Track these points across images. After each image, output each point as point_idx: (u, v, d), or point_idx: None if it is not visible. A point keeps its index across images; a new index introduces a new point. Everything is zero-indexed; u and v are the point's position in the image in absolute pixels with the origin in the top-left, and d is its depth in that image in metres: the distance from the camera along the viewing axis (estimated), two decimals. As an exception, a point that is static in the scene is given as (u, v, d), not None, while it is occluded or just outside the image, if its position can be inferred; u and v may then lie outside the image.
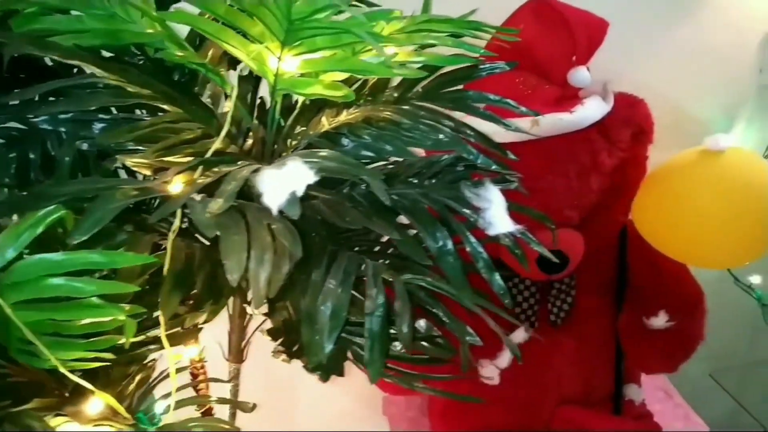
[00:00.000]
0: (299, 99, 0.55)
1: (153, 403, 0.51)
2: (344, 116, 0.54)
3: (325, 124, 0.54)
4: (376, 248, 0.57)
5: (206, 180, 0.39)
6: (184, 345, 0.61)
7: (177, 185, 0.40)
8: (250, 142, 0.55)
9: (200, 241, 0.46)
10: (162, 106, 0.45)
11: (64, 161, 0.45)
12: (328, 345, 0.39)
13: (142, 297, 0.50)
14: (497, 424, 0.92)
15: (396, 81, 0.57)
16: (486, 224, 0.53)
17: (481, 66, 0.56)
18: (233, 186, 0.35)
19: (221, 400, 0.61)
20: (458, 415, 0.96)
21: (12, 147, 0.48)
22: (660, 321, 0.85)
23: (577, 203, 0.83)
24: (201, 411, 0.81)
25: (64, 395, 0.50)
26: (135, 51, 0.51)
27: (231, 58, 0.56)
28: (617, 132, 0.83)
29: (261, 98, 0.60)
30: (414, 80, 0.55)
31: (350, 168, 0.39)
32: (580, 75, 0.83)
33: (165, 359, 0.71)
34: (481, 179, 0.55)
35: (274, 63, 0.48)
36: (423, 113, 0.51)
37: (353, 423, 1.23)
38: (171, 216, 0.39)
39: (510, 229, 0.52)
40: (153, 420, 0.47)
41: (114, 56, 0.47)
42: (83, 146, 0.46)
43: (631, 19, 1.02)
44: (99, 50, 0.50)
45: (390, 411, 1.16)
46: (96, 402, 0.45)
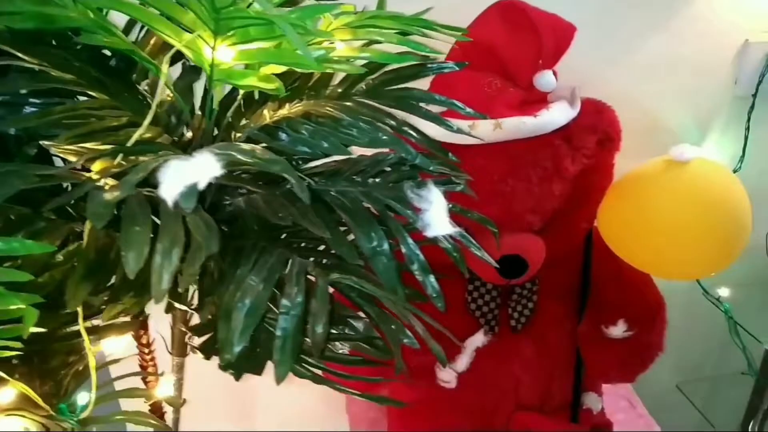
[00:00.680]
0: (240, 91, 0.54)
1: (76, 395, 0.50)
2: (286, 110, 0.53)
3: (267, 118, 0.53)
4: (321, 247, 0.56)
5: (120, 168, 0.38)
6: (120, 336, 0.59)
7: (97, 173, 0.39)
8: (191, 134, 0.54)
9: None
10: (90, 93, 0.44)
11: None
12: (239, 343, 0.38)
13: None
14: (453, 427, 0.92)
15: (342, 76, 0.56)
16: (424, 225, 0.52)
17: (429, 65, 0.55)
18: (137, 176, 0.34)
19: (143, 393, 0.60)
20: (415, 418, 0.95)
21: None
22: (618, 330, 0.85)
23: (539, 208, 0.82)
24: (149, 404, 0.81)
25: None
26: (72, 36, 0.50)
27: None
28: (582, 138, 0.83)
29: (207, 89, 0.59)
30: (359, 77, 0.54)
31: (264, 162, 0.38)
32: (546, 79, 0.82)
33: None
34: (424, 180, 0.54)
35: (209, 53, 0.47)
36: (364, 110, 0.50)
37: (315, 421, 1.23)
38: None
39: (448, 232, 0.51)
40: (74, 411, 0.46)
41: (40, 39, 0.45)
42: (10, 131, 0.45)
43: (606, 26, 1.01)
44: (36, 34, 0.49)
45: (352, 410, 1.15)
46: (8, 391, 0.44)
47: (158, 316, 0.66)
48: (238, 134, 0.54)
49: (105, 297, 0.43)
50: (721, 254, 0.82)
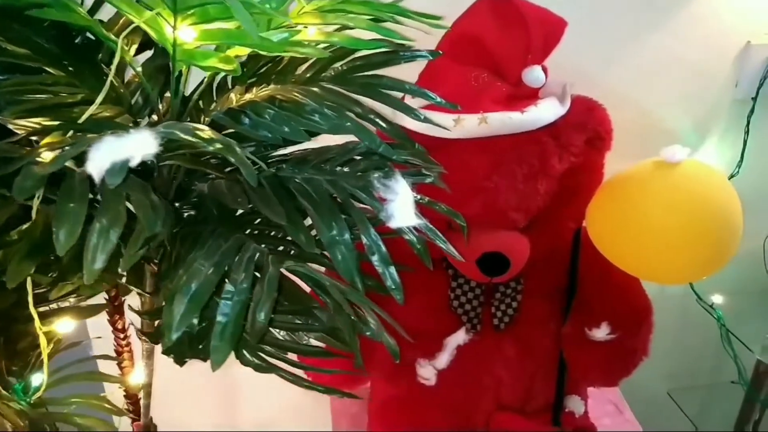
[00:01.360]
0: (207, 73, 0.53)
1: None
2: (252, 94, 0.52)
3: (233, 101, 0.52)
4: (283, 235, 0.55)
5: (63, 144, 0.38)
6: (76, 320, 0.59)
7: (41, 148, 0.38)
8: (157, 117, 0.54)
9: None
10: (48, 69, 0.44)
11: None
12: (179, 328, 0.37)
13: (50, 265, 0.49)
14: (432, 425, 0.91)
15: (312, 62, 0.55)
16: (388, 216, 0.51)
17: (401, 52, 0.54)
18: (72, 151, 0.33)
19: (102, 377, 0.59)
20: (393, 415, 0.94)
21: None
22: (601, 333, 0.83)
23: (523, 206, 0.81)
24: (124, 389, 0.80)
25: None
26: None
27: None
28: (570, 136, 0.81)
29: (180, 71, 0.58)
30: (328, 62, 0.53)
31: (205, 143, 0.37)
32: (535, 74, 0.80)
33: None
34: (392, 170, 0.53)
35: (170, 32, 0.46)
36: (330, 96, 0.49)
37: (297, 416, 1.22)
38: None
39: (412, 223, 0.50)
40: (28, 393, 0.46)
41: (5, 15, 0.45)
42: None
43: (605, 25, 0.99)
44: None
45: (335, 406, 1.14)
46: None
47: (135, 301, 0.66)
48: (207, 118, 0.54)
49: (54, 276, 0.43)
50: (710, 259, 0.80)
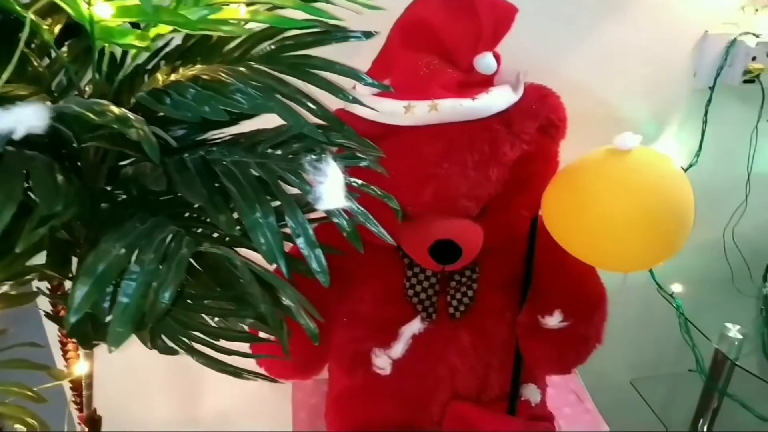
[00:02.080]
0: (130, 52, 0.52)
1: None
2: (179, 74, 0.51)
3: (159, 82, 0.51)
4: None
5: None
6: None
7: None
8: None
9: None
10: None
11: None
12: (80, 309, 0.36)
13: None
14: (387, 415, 0.90)
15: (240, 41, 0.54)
16: (317, 198, 0.50)
17: (333, 32, 0.53)
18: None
19: (30, 366, 0.58)
20: (348, 405, 0.93)
21: None
22: (554, 320, 0.83)
23: (474, 193, 0.80)
24: (70, 380, 0.79)
25: None
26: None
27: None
28: (522, 123, 0.81)
29: (112, 53, 0.57)
30: (256, 41, 0.52)
31: (96, 115, 0.36)
32: (486, 61, 0.80)
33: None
34: (324, 153, 0.52)
35: (86, 8, 0.45)
36: (255, 76, 0.48)
37: (258, 405, 1.21)
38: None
39: (341, 205, 0.50)
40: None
41: None
42: None
43: (562, 14, 0.99)
44: None
45: (296, 397, 1.14)
46: None
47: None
48: (133, 99, 0.53)
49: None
50: (661, 246, 0.80)
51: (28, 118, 0.33)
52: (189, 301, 0.53)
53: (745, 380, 1.06)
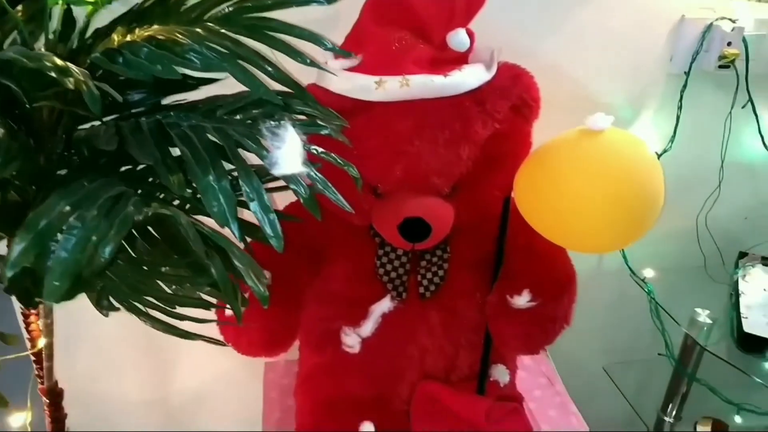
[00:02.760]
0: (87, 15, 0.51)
1: None
2: (135, 34, 0.50)
3: (114, 42, 0.50)
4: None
5: None
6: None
7: None
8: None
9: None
10: None
11: None
12: (16, 263, 0.35)
13: None
14: (356, 393, 0.90)
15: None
16: (272, 163, 0.49)
17: (293, -4, 0.52)
18: None
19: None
20: (317, 383, 0.93)
21: None
22: (522, 300, 0.83)
23: (445, 171, 0.80)
24: (33, 352, 0.78)
25: None
26: None
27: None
28: (494, 102, 0.80)
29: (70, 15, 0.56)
30: (215, 2, 0.51)
31: (32, 62, 0.35)
32: (459, 38, 0.79)
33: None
34: (283, 119, 0.52)
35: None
36: (212, 37, 0.47)
37: (231, 386, 1.21)
38: None
39: (297, 171, 0.49)
40: None
41: None
42: None
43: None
44: None
45: (268, 377, 1.13)
46: None
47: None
48: (88, 60, 0.51)
49: None
50: (629, 226, 0.80)
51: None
52: (144, 268, 0.52)
53: (715, 366, 1.07)
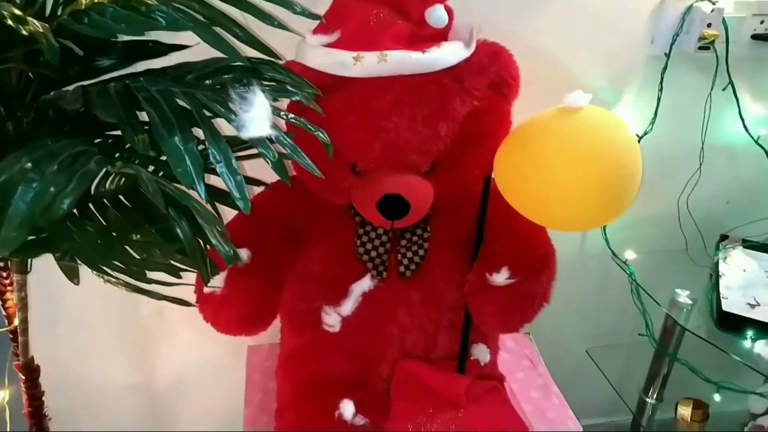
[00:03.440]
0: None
1: None
2: (102, -3, 0.50)
3: (82, 4, 0.50)
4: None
5: None
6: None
7: None
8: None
9: None
10: None
11: None
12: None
13: None
14: (336, 372, 0.90)
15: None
16: (240, 125, 0.49)
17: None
18: None
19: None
20: (298, 361, 0.93)
21: None
22: (501, 277, 0.83)
23: (424, 148, 0.80)
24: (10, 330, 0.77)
25: None
26: None
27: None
28: (473, 79, 0.80)
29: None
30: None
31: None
32: (437, 14, 0.80)
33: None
34: (251, 84, 0.52)
35: None
36: (179, -1, 0.47)
37: (214, 370, 1.21)
38: None
39: (265, 133, 0.49)
40: None
41: None
42: None
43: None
44: None
45: (251, 360, 1.13)
46: None
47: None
48: (55, 22, 0.51)
49: None
50: (608, 203, 0.80)
51: None
52: (114, 234, 0.52)
53: (695, 347, 1.07)
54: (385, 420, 0.86)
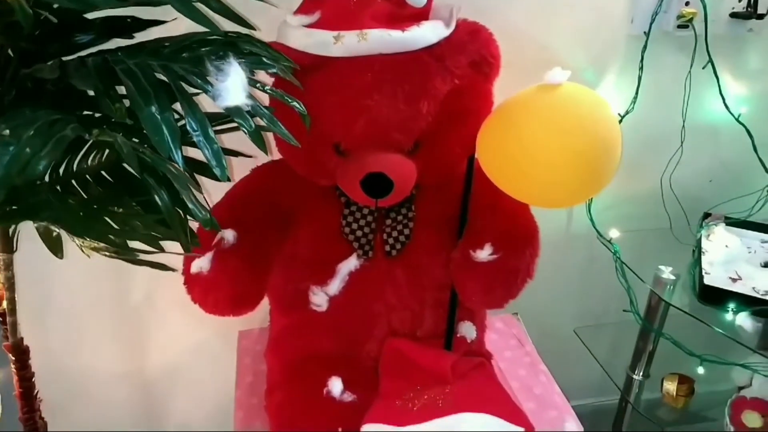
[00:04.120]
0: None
1: None
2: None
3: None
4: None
5: None
6: None
7: None
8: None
9: None
10: None
11: None
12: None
13: None
14: (324, 351, 0.91)
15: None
16: (216, 95, 0.50)
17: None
18: None
19: None
20: (286, 342, 0.94)
21: None
22: (484, 254, 0.84)
23: (405, 127, 0.81)
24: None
25: None
26: None
27: None
28: (453, 57, 0.81)
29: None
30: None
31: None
32: (415, -8, 0.81)
33: None
34: (227, 55, 0.52)
35: None
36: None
37: (205, 356, 1.21)
38: None
39: (240, 102, 0.50)
40: None
41: None
42: None
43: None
44: None
45: (241, 344, 1.14)
46: None
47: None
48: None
49: None
50: (587, 179, 0.81)
51: None
52: (95, 207, 0.53)
53: (679, 324, 1.09)
54: (373, 396, 0.87)
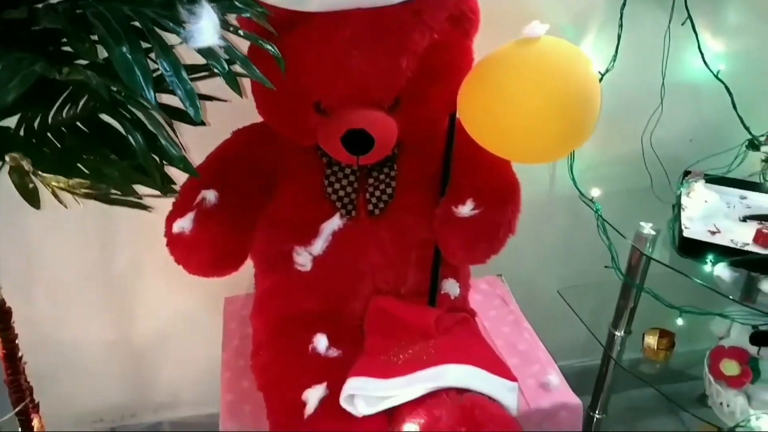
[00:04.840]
0: None
1: None
2: None
3: None
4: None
5: None
6: None
7: None
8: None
9: None
10: None
11: None
12: None
13: None
14: (309, 311, 0.92)
15: None
16: (187, 36, 0.50)
17: None
18: None
19: None
20: (271, 302, 0.95)
21: None
22: (466, 209, 0.84)
23: (385, 82, 0.81)
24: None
25: None
26: None
27: None
28: (432, 12, 0.81)
29: None
30: None
31: None
32: (393, -53, 0.80)
33: None
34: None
35: None
36: None
37: (192, 322, 1.22)
38: None
39: (212, 43, 0.50)
40: None
41: None
42: None
43: None
44: None
45: (228, 310, 1.15)
46: None
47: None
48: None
49: None
50: (567, 131, 0.81)
51: None
52: (70, 155, 0.53)
53: (659, 280, 1.11)
54: (359, 352, 0.88)
